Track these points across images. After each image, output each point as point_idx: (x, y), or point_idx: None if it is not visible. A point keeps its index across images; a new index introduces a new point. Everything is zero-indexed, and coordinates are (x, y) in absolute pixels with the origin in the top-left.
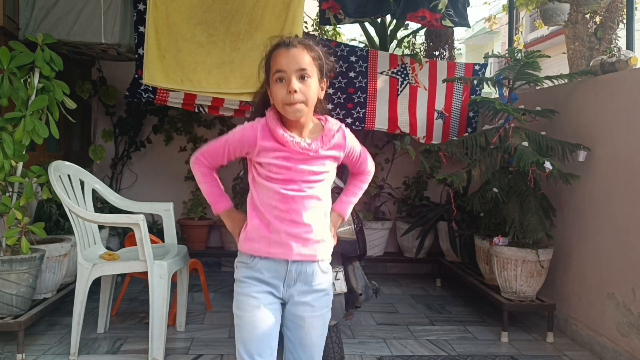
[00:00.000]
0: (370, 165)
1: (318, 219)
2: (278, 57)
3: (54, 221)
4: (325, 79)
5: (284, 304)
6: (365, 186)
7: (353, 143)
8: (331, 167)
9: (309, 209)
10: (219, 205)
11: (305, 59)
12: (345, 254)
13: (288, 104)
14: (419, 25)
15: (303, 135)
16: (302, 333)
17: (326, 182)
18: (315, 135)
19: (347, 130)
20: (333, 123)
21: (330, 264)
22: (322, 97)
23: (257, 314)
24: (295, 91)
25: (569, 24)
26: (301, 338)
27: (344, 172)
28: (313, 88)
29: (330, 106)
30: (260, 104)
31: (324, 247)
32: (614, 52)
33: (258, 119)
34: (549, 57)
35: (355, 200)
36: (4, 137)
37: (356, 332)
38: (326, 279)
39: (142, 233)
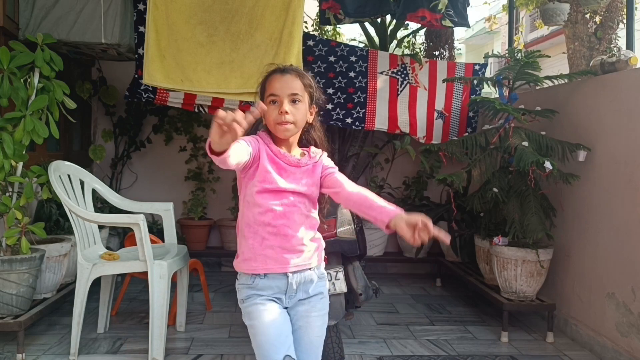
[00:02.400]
0: (357, 186)
1: (308, 231)
2: (273, 82)
3: (54, 221)
4: (314, 106)
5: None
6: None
7: (329, 164)
8: (317, 183)
9: (299, 222)
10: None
11: (297, 85)
12: (345, 254)
13: (279, 123)
14: (419, 25)
15: (290, 152)
16: (301, 333)
17: (313, 197)
18: (300, 154)
19: (325, 156)
20: (314, 150)
21: (330, 264)
22: (310, 121)
23: (268, 316)
24: (287, 112)
25: (569, 24)
26: (300, 338)
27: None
28: (302, 111)
29: (330, 106)
30: (251, 131)
31: (317, 255)
32: (614, 52)
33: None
34: (549, 57)
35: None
36: (4, 137)
37: (356, 332)
38: (322, 283)
39: (142, 233)
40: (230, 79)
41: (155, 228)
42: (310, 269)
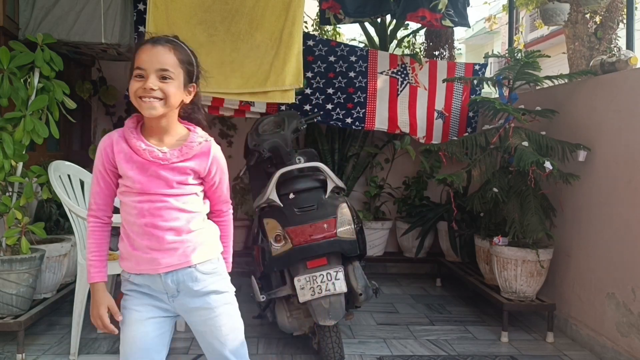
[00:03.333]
0: (225, 206)
1: (185, 228)
2: (141, 54)
3: (54, 221)
4: (195, 85)
5: (177, 315)
6: (228, 230)
7: (218, 164)
8: (194, 181)
9: (170, 221)
10: (97, 274)
11: (169, 59)
12: (345, 254)
13: (142, 96)
14: (419, 25)
15: (164, 142)
16: (209, 338)
17: (192, 196)
18: (177, 144)
19: (217, 148)
20: (200, 135)
21: (330, 264)
22: (187, 101)
23: (139, 328)
24: (152, 89)
25: (569, 23)
26: (210, 343)
27: (344, 171)
28: (174, 90)
29: (330, 106)
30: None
31: (200, 251)
32: (614, 52)
33: (117, 129)
34: (549, 57)
35: (230, 249)
36: (4, 137)
37: (356, 332)
38: (213, 279)
39: None
40: (231, 79)
41: None
42: (190, 266)
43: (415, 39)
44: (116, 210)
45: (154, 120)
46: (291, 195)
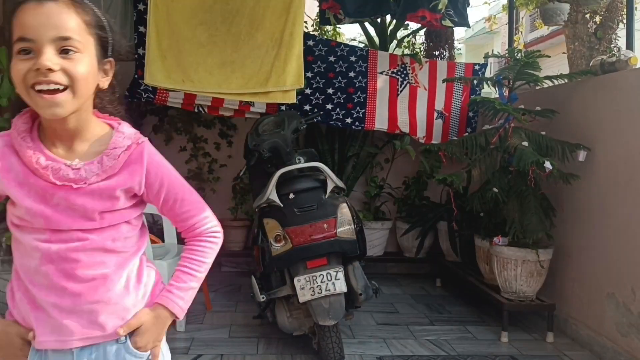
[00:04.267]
0: (204, 221)
1: (113, 278)
2: (24, 17)
3: None
4: (112, 61)
5: None
6: (206, 255)
7: (159, 170)
8: (127, 203)
9: (92, 267)
10: None
11: (70, 22)
12: (345, 254)
13: (35, 84)
14: (419, 25)
15: (75, 151)
16: None
17: (123, 225)
18: (94, 154)
19: (152, 149)
20: (126, 135)
21: (330, 264)
22: (105, 85)
23: None
24: (50, 69)
25: (569, 23)
26: None
27: (344, 171)
28: (85, 68)
29: (330, 106)
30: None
31: (134, 312)
32: (614, 52)
33: (2, 133)
34: (549, 57)
35: (194, 283)
36: None
37: (356, 332)
38: None
39: None
40: (231, 79)
41: (155, 228)
42: (117, 340)
43: (415, 39)
44: None
45: (58, 121)
46: (291, 195)
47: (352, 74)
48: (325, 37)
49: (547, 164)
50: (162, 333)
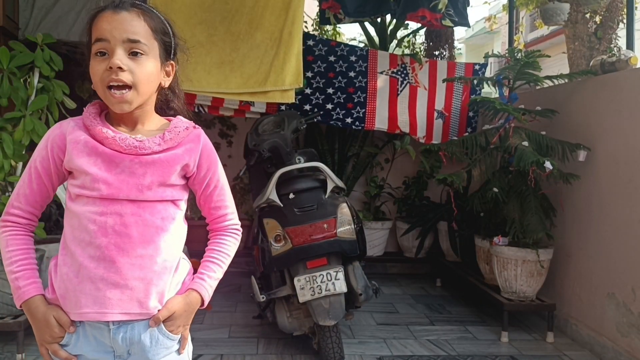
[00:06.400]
0: (231, 216)
1: (157, 259)
2: (101, 22)
3: (53, 221)
4: (174, 63)
5: None
6: (230, 249)
7: (211, 159)
8: (178, 181)
9: (142, 244)
10: (30, 286)
11: (140, 27)
12: (345, 254)
13: (110, 84)
14: (419, 25)
15: (137, 129)
16: None
17: (171, 206)
18: (156, 129)
19: (206, 136)
20: (184, 121)
21: (330, 264)
22: (166, 84)
23: None
24: (120, 68)
25: (569, 23)
26: None
27: (344, 170)
28: (148, 70)
29: (330, 106)
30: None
31: (167, 299)
32: (614, 52)
33: (71, 118)
34: (549, 56)
35: (219, 274)
36: (4, 137)
37: (356, 332)
38: (175, 347)
39: None
40: (230, 78)
41: None
42: (150, 318)
43: (415, 39)
44: None
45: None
46: (291, 195)
47: (352, 74)
48: (325, 36)
49: (548, 164)
50: (191, 318)
